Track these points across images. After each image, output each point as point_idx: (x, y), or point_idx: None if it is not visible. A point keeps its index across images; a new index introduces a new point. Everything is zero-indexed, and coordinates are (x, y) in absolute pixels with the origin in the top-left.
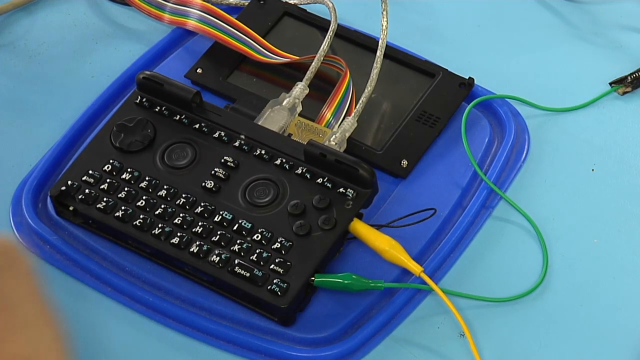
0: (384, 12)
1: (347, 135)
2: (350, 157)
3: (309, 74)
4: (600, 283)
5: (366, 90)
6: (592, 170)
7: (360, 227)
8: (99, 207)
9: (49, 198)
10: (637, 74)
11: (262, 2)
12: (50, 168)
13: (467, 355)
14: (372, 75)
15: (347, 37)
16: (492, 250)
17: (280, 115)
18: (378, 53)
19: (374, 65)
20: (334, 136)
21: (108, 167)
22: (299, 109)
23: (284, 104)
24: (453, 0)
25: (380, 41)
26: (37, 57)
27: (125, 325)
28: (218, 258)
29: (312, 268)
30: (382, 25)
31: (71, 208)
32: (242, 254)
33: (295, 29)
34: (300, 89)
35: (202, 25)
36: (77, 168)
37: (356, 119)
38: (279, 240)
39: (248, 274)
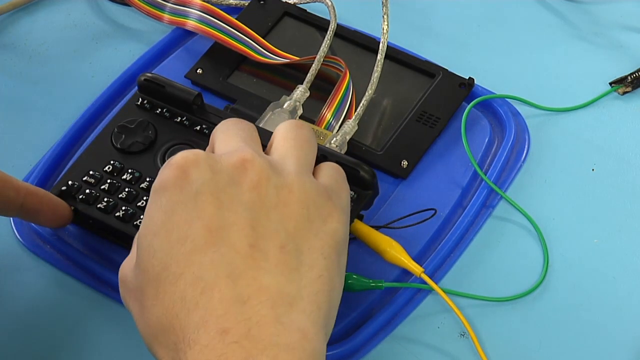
0: (385, 16)
1: (348, 138)
2: (351, 159)
3: (309, 77)
4: (600, 283)
5: (367, 93)
6: (592, 170)
7: (360, 228)
8: (100, 207)
9: None
10: (637, 74)
11: (262, 2)
12: (51, 168)
13: (468, 354)
14: (372, 78)
15: (347, 37)
16: (492, 249)
17: (281, 117)
18: (379, 57)
19: (375, 68)
20: (334, 139)
21: (109, 168)
22: (300, 111)
23: (284, 106)
24: (453, 0)
25: (380, 44)
26: (37, 57)
27: (126, 325)
28: None
29: None
30: (383, 29)
31: (72, 208)
32: None
33: (295, 29)
34: (300, 92)
35: (201, 26)
36: (77, 168)
37: (357, 121)
38: None
39: None
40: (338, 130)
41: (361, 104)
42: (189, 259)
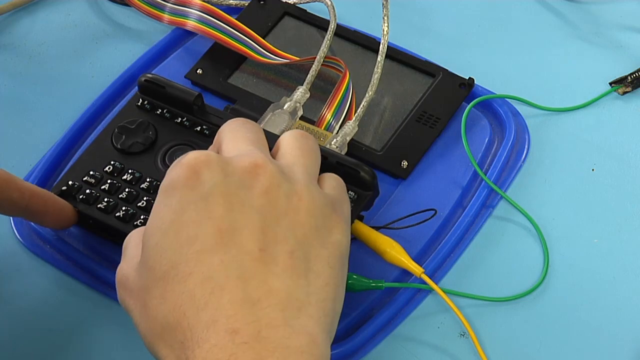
0: (385, 18)
1: (348, 139)
2: (352, 160)
3: (310, 77)
4: (600, 283)
5: (367, 95)
6: (592, 170)
7: (361, 229)
8: (100, 207)
9: None
10: (637, 74)
11: (262, 2)
12: (51, 168)
13: (468, 354)
14: (372, 80)
15: (347, 37)
16: (492, 249)
17: (281, 118)
18: (379, 58)
19: (375, 70)
20: (335, 140)
21: (109, 168)
22: (300, 112)
23: (285, 107)
24: (453, 0)
25: (381, 47)
26: (37, 57)
27: (127, 326)
28: None
29: None
30: (383, 30)
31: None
32: None
33: (295, 29)
34: (301, 93)
35: (201, 26)
36: (78, 169)
37: (357, 122)
38: None
39: None
40: (338, 131)
41: (361, 105)
42: (198, 258)
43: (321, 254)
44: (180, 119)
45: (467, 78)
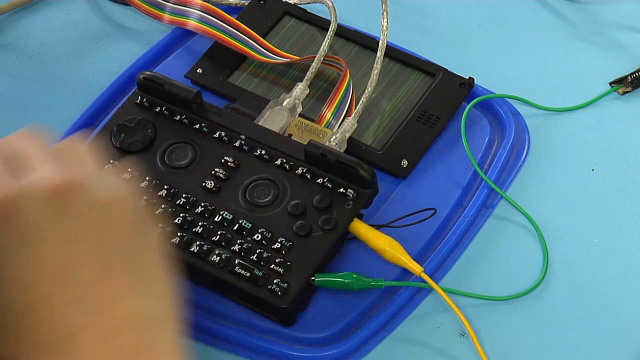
0: (384, 13)
1: (347, 135)
2: (351, 158)
3: (309, 75)
4: (600, 283)
5: (366, 91)
6: (592, 170)
7: (360, 227)
8: None
9: None
10: (637, 74)
11: (262, 2)
12: None
13: (467, 354)
14: (372, 76)
15: (347, 36)
16: (492, 249)
17: (280, 115)
18: (378, 54)
19: (374, 66)
20: (334, 137)
21: (108, 167)
22: (299, 109)
23: (284, 104)
24: (453, 0)
25: (380, 42)
26: (37, 57)
27: None
28: (218, 258)
29: (312, 268)
30: (383, 27)
31: None
32: (243, 254)
33: (295, 28)
34: (300, 90)
35: (202, 25)
36: None
37: (356, 119)
38: (279, 240)
39: (248, 274)
40: (337, 128)
41: (361, 102)
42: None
43: (151, 259)
44: (179, 116)
45: (467, 78)
